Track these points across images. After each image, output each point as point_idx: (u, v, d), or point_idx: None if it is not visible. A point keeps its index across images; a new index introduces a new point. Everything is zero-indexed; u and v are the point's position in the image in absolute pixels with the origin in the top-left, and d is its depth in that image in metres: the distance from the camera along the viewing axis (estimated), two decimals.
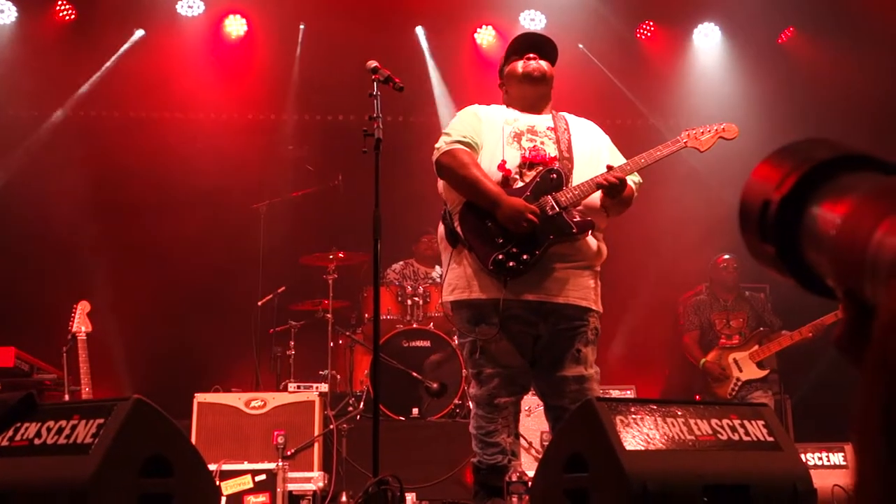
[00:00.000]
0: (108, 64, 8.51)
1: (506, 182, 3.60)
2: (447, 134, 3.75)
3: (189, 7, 8.52)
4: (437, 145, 3.73)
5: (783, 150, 0.82)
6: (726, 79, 8.90)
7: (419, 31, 8.94)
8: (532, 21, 8.76)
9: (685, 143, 3.77)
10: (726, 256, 7.18)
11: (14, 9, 8.38)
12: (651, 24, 8.99)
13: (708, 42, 9.06)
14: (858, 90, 7.96)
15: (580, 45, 8.88)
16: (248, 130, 8.75)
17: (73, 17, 8.46)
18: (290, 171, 8.34)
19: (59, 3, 8.40)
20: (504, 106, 3.90)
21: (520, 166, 3.63)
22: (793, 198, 0.77)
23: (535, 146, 3.66)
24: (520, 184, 3.60)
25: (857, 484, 0.61)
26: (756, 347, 6.77)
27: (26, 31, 8.42)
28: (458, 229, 3.62)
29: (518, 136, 3.69)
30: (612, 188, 3.52)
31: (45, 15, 8.43)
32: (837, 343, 0.72)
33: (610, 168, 3.57)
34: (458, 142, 3.67)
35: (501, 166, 3.62)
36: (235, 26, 8.67)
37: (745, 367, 6.74)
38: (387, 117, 4.00)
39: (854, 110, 7.83)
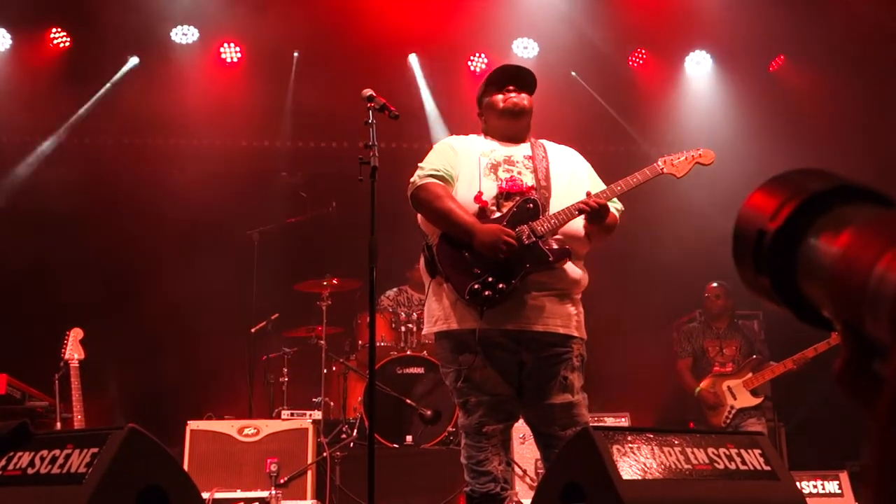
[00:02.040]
0: (102, 91, 8.53)
1: (483, 213, 3.59)
2: (421, 168, 3.75)
3: (183, 35, 8.56)
4: (411, 180, 3.74)
5: (776, 180, 0.81)
6: (718, 106, 8.96)
7: (413, 58, 8.98)
8: (525, 49, 8.81)
9: (662, 169, 3.78)
10: (714, 285, 7.19)
11: (8, 36, 8.39)
12: (643, 52, 9.06)
13: (700, 70, 9.13)
14: (849, 117, 8.02)
15: (573, 73, 8.94)
16: (242, 157, 8.75)
17: (67, 44, 8.48)
18: (284, 197, 8.34)
19: (54, 30, 8.42)
20: (482, 136, 3.90)
21: (496, 197, 3.62)
22: (789, 229, 0.77)
23: (511, 176, 3.66)
24: (497, 214, 3.59)
25: None
26: (750, 375, 6.76)
27: (21, 58, 8.43)
28: (437, 261, 3.63)
29: (495, 167, 3.69)
30: (594, 214, 3.53)
31: (40, 42, 8.45)
32: (838, 378, 0.71)
33: (589, 194, 3.58)
34: (432, 175, 3.68)
35: (478, 198, 3.61)
36: (229, 54, 8.71)
37: (740, 395, 6.74)
38: (380, 144, 4.01)
39: (845, 137, 7.89)
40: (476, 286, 3.49)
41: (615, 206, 3.75)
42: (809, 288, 0.75)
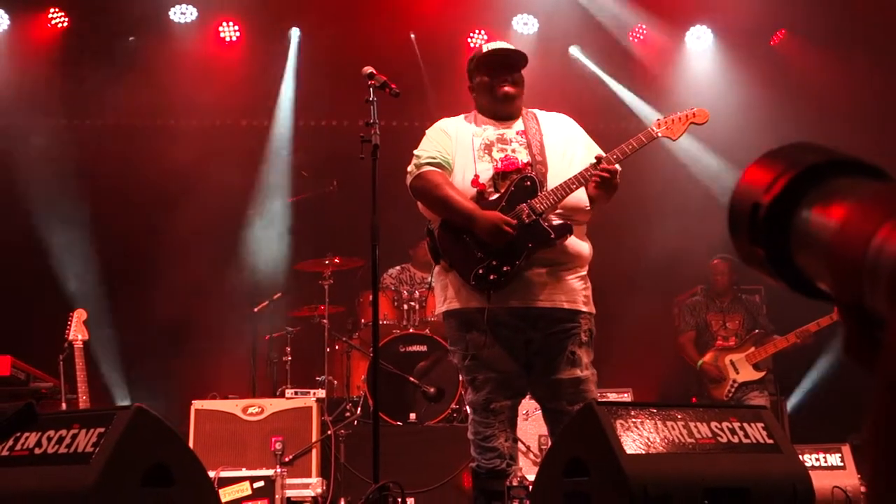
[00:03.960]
0: (101, 71, 8.49)
1: (481, 196, 3.58)
2: (417, 156, 3.73)
3: (182, 14, 8.51)
4: (408, 169, 3.72)
5: (771, 153, 0.82)
6: (719, 81, 8.92)
7: (412, 36, 8.94)
8: (525, 25, 8.76)
9: (657, 133, 3.71)
10: (717, 260, 7.17)
11: (6, 17, 8.36)
12: (644, 27, 9.01)
13: (700, 44, 9.08)
14: (850, 91, 7.99)
15: (572, 49, 8.90)
16: (242, 136, 8.74)
17: (65, 24, 8.44)
18: (285, 176, 8.33)
19: (52, 10, 8.38)
20: (473, 114, 3.87)
21: (493, 178, 3.60)
22: (783, 201, 0.77)
23: (506, 155, 3.63)
24: (495, 196, 3.58)
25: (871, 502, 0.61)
26: (752, 349, 6.77)
27: (18, 39, 8.40)
28: (439, 247, 3.63)
29: (488, 148, 3.67)
30: (605, 181, 3.50)
31: (38, 23, 8.41)
32: (846, 352, 0.71)
33: (597, 160, 3.52)
34: (428, 164, 3.67)
35: (475, 181, 3.60)
36: (228, 32, 8.67)
37: (742, 369, 6.75)
38: (381, 122, 4.01)
39: (846, 112, 7.86)
40: (480, 271, 3.49)
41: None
42: (804, 260, 0.76)
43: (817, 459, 5.66)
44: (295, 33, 8.75)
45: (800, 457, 3.15)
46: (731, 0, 8.54)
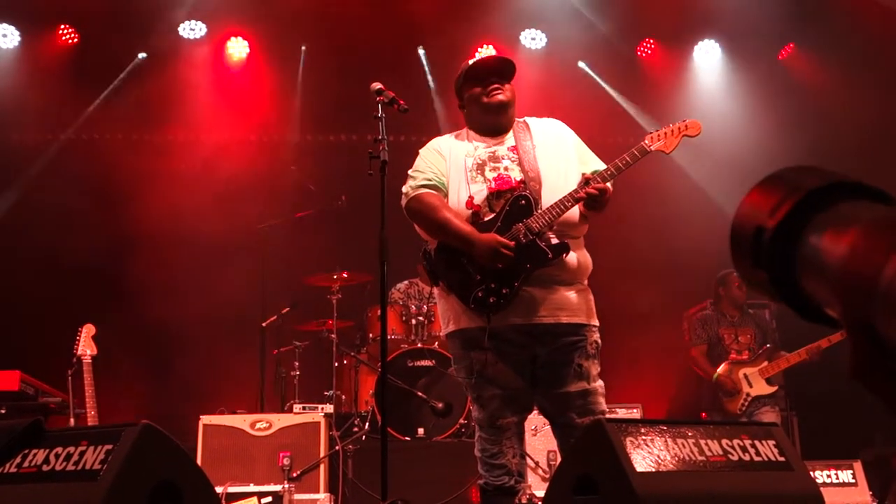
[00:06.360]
0: (111, 87, 8.54)
1: (476, 217, 3.55)
2: (412, 177, 3.71)
3: (191, 30, 8.56)
4: (403, 190, 3.70)
5: (774, 177, 0.82)
6: (727, 95, 8.92)
7: (420, 51, 8.97)
8: (533, 40, 8.79)
9: (650, 147, 3.68)
10: (736, 273, 7.11)
11: (16, 33, 8.41)
12: (652, 41, 9.03)
13: (709, 59, 9.09)
14: (858, 106, 7.97)
15: (581, 64, 8.90)
16: (251, 151, 8.76)
17: (75, 40, 8.50)
18: (293, 191, 8.35)
19: (62, 26, 8.44)
20: (465, 131, 3.84)
21: (487, 198, 3.56)
22: (788, 225, 0.77)
23: (499, 174, 3.59)
24: (490, 216, 3.54)
25: None
26: (765, 363, 6.75)
27: (29, 55, 8.45)
28: (436, 270, 3.61)
29: (481, 168, 3.63)
30: (593, 200, 3.48)
31: (48, 39, 8.48)
32: (853, 375, 0.71)
33: (584, 178, 3.49)
34: (423, 185, 3.65)
35: (469, 203, 3.57)
36: (237, 48, 8.71)
37: (756, 383, 6.73)
38: (389, 136, 4.00)
39: (854, 126, 7.84)
40: (479, 294, 3.48)
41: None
42: (810, 284, 0.75)
43: (829, 476, 5.62)
44: (303, 48, 8.79)
45: (811, 474, 3.13)
46: (739, 14, 8.55)
